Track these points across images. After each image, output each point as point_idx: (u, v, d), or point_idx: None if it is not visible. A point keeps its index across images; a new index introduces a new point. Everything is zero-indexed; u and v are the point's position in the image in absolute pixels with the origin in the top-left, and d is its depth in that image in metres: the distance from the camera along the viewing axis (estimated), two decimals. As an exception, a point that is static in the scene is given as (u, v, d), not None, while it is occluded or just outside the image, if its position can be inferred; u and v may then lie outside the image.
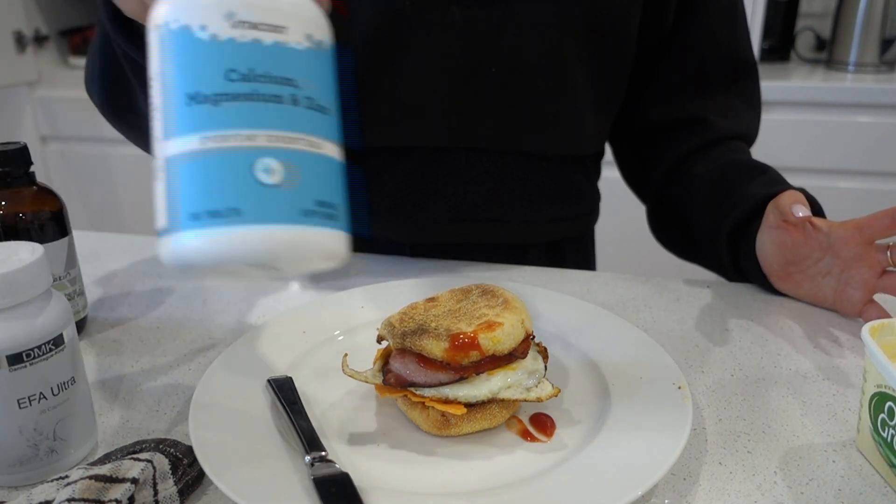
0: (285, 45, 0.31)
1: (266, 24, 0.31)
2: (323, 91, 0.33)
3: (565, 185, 0.78)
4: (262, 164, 0.30)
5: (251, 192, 0.30)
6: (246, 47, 0.30)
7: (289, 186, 0.31)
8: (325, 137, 0.33)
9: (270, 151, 0.30)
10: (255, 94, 0.30)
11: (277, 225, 0.30)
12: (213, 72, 0.30)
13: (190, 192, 0.30)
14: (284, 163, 0.31)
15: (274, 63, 0.31)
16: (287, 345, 0.54)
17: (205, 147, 0.30)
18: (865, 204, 1.48)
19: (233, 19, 0.30)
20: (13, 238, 0.54)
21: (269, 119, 0.31)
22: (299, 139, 0.31)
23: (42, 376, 0.40)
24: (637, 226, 0.85)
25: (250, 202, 0.30)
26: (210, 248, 0.30)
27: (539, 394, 0.45)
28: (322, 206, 0.32)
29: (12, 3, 1.71)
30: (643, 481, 0.38)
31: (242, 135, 0.30)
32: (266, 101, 0.31)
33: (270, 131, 0.31)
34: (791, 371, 0.54)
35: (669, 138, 0.77)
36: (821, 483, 0.42)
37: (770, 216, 0.63)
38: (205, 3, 0.30)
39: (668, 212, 0.79)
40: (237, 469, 0.39)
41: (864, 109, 1.44)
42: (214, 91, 0.30)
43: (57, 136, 1.87)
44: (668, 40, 0.74)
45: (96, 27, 0.62)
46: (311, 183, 0.31)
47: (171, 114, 0.31)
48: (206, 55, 0.30)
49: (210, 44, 0.30)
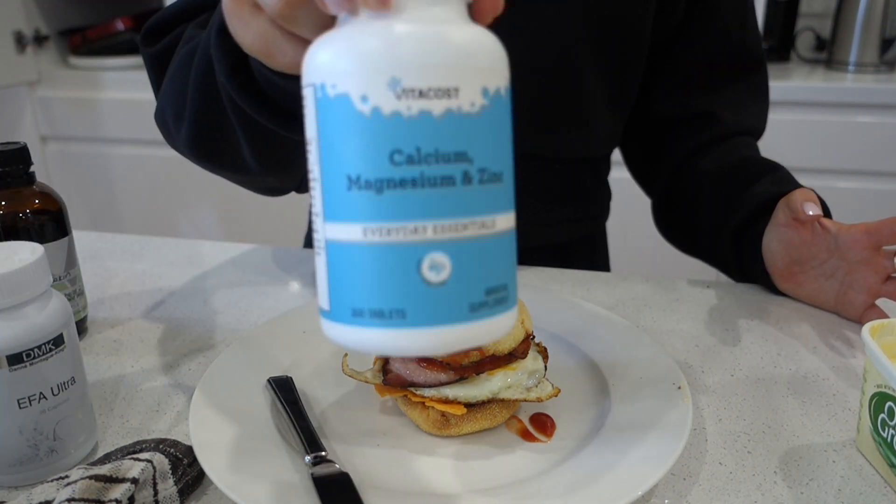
0: (458, 113, 0.27)
1: (435, 88, 0.26)
2: (498, 153, 0.29)
3: (576, 186, 0.78)
4: (429, 260, 0.27)
5: (416, 292, 0.27)
6: (413, 123, 0.26)
7: (457, 282, 0.27)
8: (500, 211, 0.29)
9: (438, 245, 0.27)
10: (423, 179, 0.27)
11: (444, 326, 0.28)
12: (376, 153, 0.27)
13: (351, 287, 0.28)
14: (453, 256, 0.27)
15: (444, 138, 0.27)
16: (287, 345, 0.54)
17: (367, 240, 0.27)
18: (865, 204, 1.48)
19: (397, 88, 0.26)
20: (13, 238, 0.54)
21: (438, 207, 0.27)
22: (471, 224, 0.28)
23: (42, 376, 0.40)
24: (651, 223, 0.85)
25: (415, 303, 0.27)
26: (373, 344, 0.28)
27: (539, 394, 0.45)
28: (492, 293, 0.29)
29: (12, 3, 1.71)
30: (643, 481, 0.38)
31: (408, 228, 0.27)
32: (434, 187, 0.27)
33: (439, 221, 0.27)
34: (791, 371, 0.54)
35: (677, 133, 0.77)
36: (821, 483, 0.42)
37: (779, 214, 0.63)
38: (366, 68, 0.26)
39: (674, 206, 0.79)
40: (237, 469, 0.39)
41: (864, 109, 1.44)
42: (377, 177, 0.27)
43: (57, 136, 1.87)
44: (677, 35, 0.74)
45: (179, 60, 0.56)
46: (481, 272, 0.28)
47: (330, 194, 0.28)
48: (367, 133, 0.27)
49: (372, 120, 0.27)
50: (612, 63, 0.71)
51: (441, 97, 0.27)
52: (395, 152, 0.27)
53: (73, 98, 1.81)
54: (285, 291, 0.69)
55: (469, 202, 0.27)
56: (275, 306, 0.65)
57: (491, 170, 0.28)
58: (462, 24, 0.28)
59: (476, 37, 0.28)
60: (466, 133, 0.27)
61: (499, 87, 0.28)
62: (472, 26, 0.28)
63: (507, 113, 0.29)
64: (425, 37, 0.27)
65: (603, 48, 0.69)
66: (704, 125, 0.75)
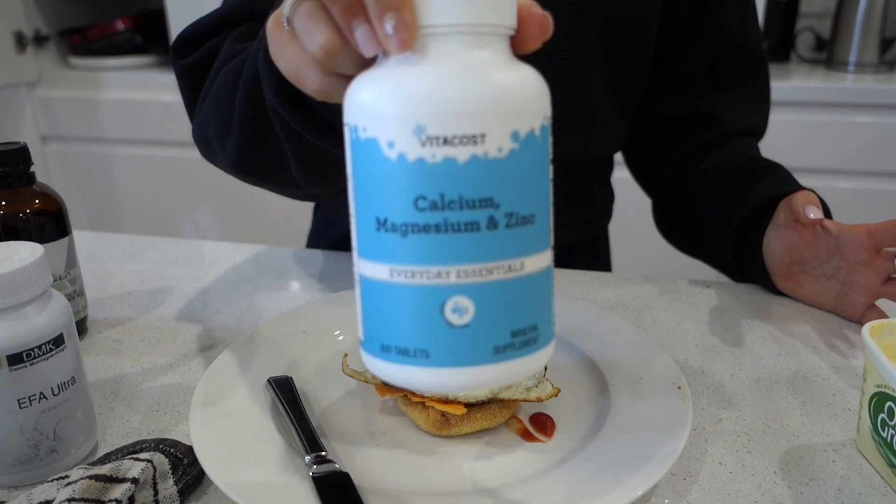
0: (483, 159, 0.27)
1: (460, 136, 0.26)
2: (529, 195, 0.28)
3: (580, 189, 0.78)
4: (453, 303, 0.27)
5: (439, 333, 0.27)
6: (437, 170, 0.26)
7: (481, 324, 0.28)
8: (529, 253, 0.28)
9: (461, 289, 0.27)
10: (447, 225, 0.27)
11: (467, 367, 0.28)
12: (401, 198, 0.27)
13: (380, 323, 0.29)
14: (476, 300, 0.27)
15: (469, 184, 0.27)
16: (287, 345, 0.54)
17: (392, 280, 0.28)
18: (865, 204, 1.48)
19: (422, 135, 0.26)
20: (13, 238, 0.54)
21: (462, 253, 0.27)
22: (496, 268, 0.28)
23: (42, 376, 0.40)
24: (652, 223, 0.85)
25: (439, 345, 0.28)
26: (400, 379, 0.29)
27: (539, 394, 0.45)
28: (519, 335, 0.28)
29: (12, 3, 1.71)
30: (643, 481, 0.38)
31: (432, 272, 0.27)
32: (458, 233, 0.27)
33: (462, 266, 0.27)
34: (791, 371, 0.54)
35: (679, 133, 0.77)
36: (820, 483, 0.42)
37: (780, 215, 0.63)
38: (392, 115, 0.26)
39: (675, 206, 0.79)
40: (237, 469, 0.40)
41: (864, 109, 1.44)
42: (402, 221, 0.27)
43: (57, 136, 1.87)
44: (680, 35, 0.74)
45: (223, 77, 0.56)
46: (507, 314, 0.28)
47: (362, 232, 0.29)
48: (393, 178, 0.27)
49: (398, 165, 0.27)
50: (618, 64, 0.71)
51: (466, 144, 0.26)
52: (420, 198, 0.27)
53: (74, 98, 1.81)
54: (285, 291, 0.69)
55: (494, 246, 0.27)
56: (275, 306, 0.65)
57: (520, 213, 0.28)
58: (496, 65, 0.28)
59: (508, 79, 0.27)
60: (492, 178, 0.27)
61: (532, 127, 0.28)
62: (508, 66, 0.28)
63: (542, 152, 0.29)
64: (451, 83, 0.26)
65: (610, 49, 0.69)
66: (706, 126, 0.75)
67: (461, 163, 0.26)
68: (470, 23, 0.27)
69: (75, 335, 0.43)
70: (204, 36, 0.63)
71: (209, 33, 0.63)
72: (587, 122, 0.72)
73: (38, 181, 0.56)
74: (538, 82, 0.29)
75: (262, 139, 0.54)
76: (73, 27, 1.91)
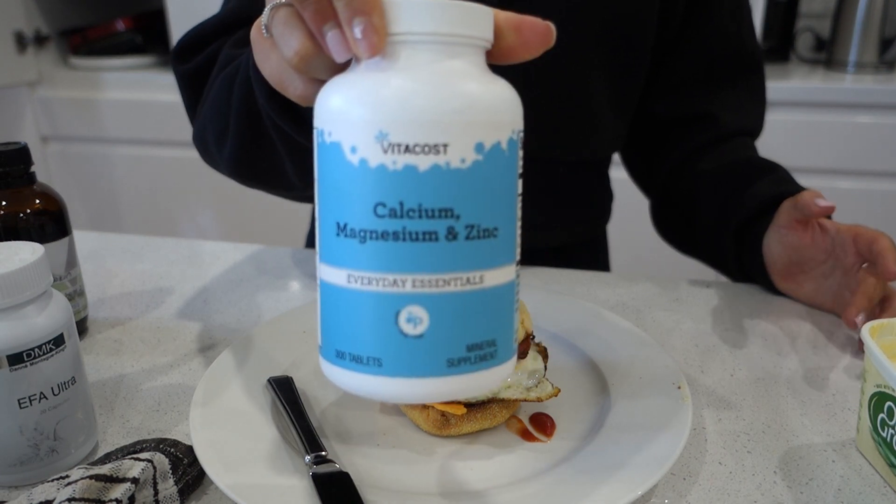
0: (444, 169, 0.26)
1: (422, 144, 0.26)
2: (493, 208, 0.28)
3: (579, 189, 0.78)
4: (407, 312, 0.27)
5: (392, 343, 0.27)
6: (397, 177, 0.26)
7: (435, 335, 0.27)
8: (490, 266, 0.28)
9: (417, 298, 0.27)
10: (405, 233, 0.26)
11: (419, 378, 0.27)
12: (361, 204, 0.27)
13: (334, 329, 0.28)
14: (432, 310, 0.27)
15: (429, 193, 0.26)
16: (287, 345, 0.54)
17: (349, 286, 0.27)
18: (865, 204, 1.48)
19: (384, 141, 0.26)
20: (13, 238, 0.54)
21: (419, 262, 0.27)
22: (453, 279, 0.27)
23: (42, 376, 0.40)
24: (650, 224, 0.85)
25: (391, 353, 0.27)
26: (352, 387, 0.28)
27: (539, 394, 0.45)
28: (475, 349, 0.28)
29: (12, 4, 1.71)
30: (643, 481, 0.38)
31: (388, 279, 0.27)
32: (416, 241, 0.27)
33: (419, 275, 0.27)
34: (791, 371, 0.54)
35: (676, 133, 0.77)
36: (820, 483, 0.42)
37: (781, 216, 0.63)
38: (356, 120, 0.26)
39: (673, 207, 0.79)
40: (237, 469, 0.40)
41: (863, 109, 1.44)
42: (361, 227, 0.27)
43: (57, 137, 1.88)
44: (676, 36, 0.74)
45: (220, 83, 0.56)
46: (463, 327, 0.28)
47: (324, 235, 0.28)
48: (354, 183, 0.27)
49: (359, 170, 0.26)
50: (617, 64, 0.71)
51: (427, 153, 0.26)
52: (379, 205, 0.26)
53: (74, 98, 1.81)
54: (285, 291, 0.69)
55: (452, 257, 0.27)
56: (275, 306, 0.65)
57: (481, 226, 0.27)
58: (466, 75, 0.27)
59: (476, 90, 0.27)
60: (453, 189, 0.27)
61: (499, 140, 0.27)
62: (480, 77, 0.28)
63: (509, 165, 0.28)
64: (417, 92, 0.26)
65: (608, 49, 0.69)
66: (703, 126, 0.75)
67: (421, 171, 0.26)
68: (442, 32, 0.27)
69: (75, 335, 0.43)
70: (204, 41, 0.63)
71: (209, 38, 0.63)
72: (586, 122, 0.73)
73: (39, 181, 0.56)
74: (510, 95, 0.28)
75: (257, 142, 0.54)
76: (73, 27, 1.91)
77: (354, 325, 0.28)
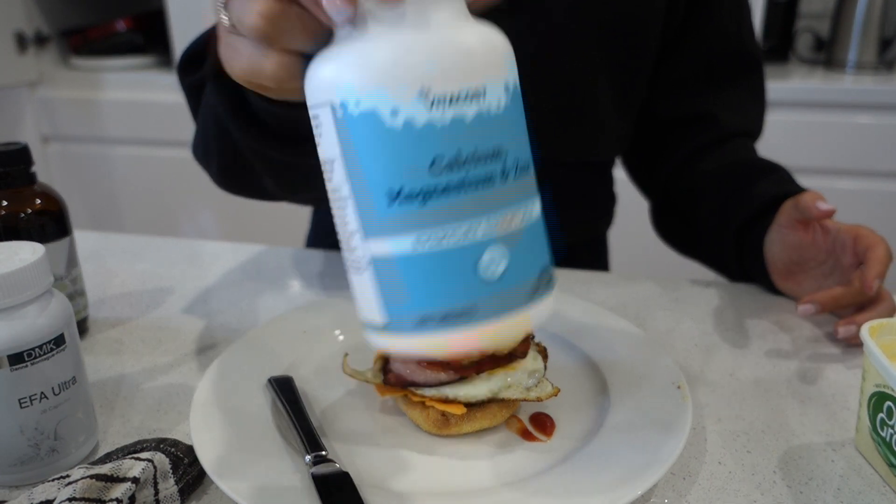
0: (488, 113, 0.27)
1: (465, 92, 0.26)
2: (523, 142, 0.29)
3: (583, 190, 0.78)
4: (487, 257, 0.27)
5: (481, 288, 0.27)
6: (448, 130, 0.26)
7: (516, 270, 0.28)
8: (536, 195, 0.29)
9: (493, 242, 0.27)
10: (466, 183, 0.26)
11: (511, 313, 0.28)
12: (415, 165, 0.26)
13: (412, 296, 0.28)
14: (508, 249, 0.27)
15: (481, 138, 0.27)
16: (287, 345, 0.54)
17: (421, 250, 0.27)
18: (865, 204, 1.48)
19: (428, 97, 0.26)
20: (14, 238, 0.54)
21: (486, 207, 0.27)
22: (517, 214, 0.28)
23: (43, 376, 0.40)
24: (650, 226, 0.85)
25: (482, 299, 0.27)
26: (444, 347, 0.28)
27: (539, 393, 0.45)
28: (545, 273, 0.29)
29: (13, 4, 1.71)
30: (643, 481, 0.38)
31: (460, 232, 0.27)
32: (478, 188, 0.27)
33: (489, 220, 0.27)
34: (790, 371, 0.54)
35: (677, 134, 0.77)
36: (820, 482, 0.42)
37: (782, 216, 0.63)
38: (392, 80, 0.25)
39: (674, 207, 0.79)
40: (237, 468, 0.40)
41: (863, 109, 1.44)
42: (420, 187, 0.26)
43: (58, 137, 1.88)
44: (677, 36, 0.74)
45: (203, 102, 0.56)
46: (535, 255, 0.28)
47: (370, 211, 0.27)
48: (403, 146, 0.26)
49: (406, 132, 0.26)
50: (621, 65, 0.71)
51: (471, 100, 0.27)
52: (435, 160, 0.26)
53: (75, 98, 1.81)
54: (285, 291, 0.69)
55: (513, 195, 0.28)
56: (275, 306, 0.65)
57: (522, 160, 0.29)
58: (467, 23, 0.28)
59: (485, 35, 0.28)
60: (500, 129, 0.27)
61: (515, 80, 0.29)
62: (477, 25, 0.28)
63: (522, 103, 0.30)
64: (443, 43, 0.26)
65: (613, 50, 0.69)
66: (704, 126, 0.75)
67: (469, 119, 0.27)
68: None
69: (76, 335, 0.43)
70: (205, 50, 0.62)
71: (209, 47, 0.62)
72: (592, 122, 0.73)
73: (39, 181, 0.56)
74: (505, 39, 0.30)
75: (235, 159, 0.55)
76: (73, 27, 1.91)
77: (435, 285, 0.27)
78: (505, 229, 0.28)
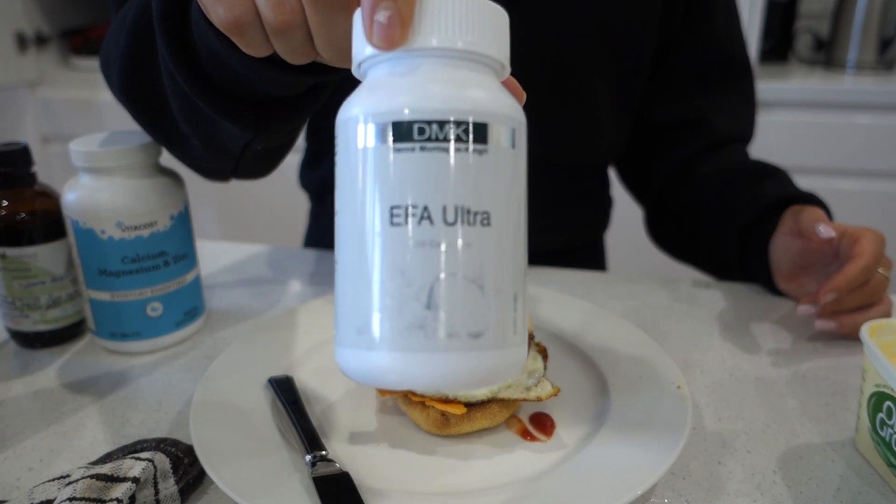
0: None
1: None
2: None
3: (580, 192, 0.78)
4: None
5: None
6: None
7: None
8: None
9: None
10: None
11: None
12: None
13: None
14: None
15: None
16: (287, 345, 0.54)
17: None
18: (864, 205, 1.48)
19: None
20: (14, 238, 0.54)
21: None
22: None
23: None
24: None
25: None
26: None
27: (539, 393, 0.45)
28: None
29: (13, 4, 1.72)
30: (643, 481, 0.38)
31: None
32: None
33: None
34: (790, 371, 0.54)
35: (670, 138, 0.77)
36: (820, 482, 0.42)
37: (786, 222, 0.63)
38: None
39: (670, 212, 0.79)
40: (238, 468, 0.40)
41: (863, 110, 1.44)
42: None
43: (58, 137, 1.88)
44: (671, 40, 0.74)
45: (125, 24, 0.49)
46: None
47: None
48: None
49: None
50: (619, 67, 0.71)
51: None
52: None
53: (75, 98, 1.81)
54: (285, 291, 0.69)
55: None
56: (275, 306, 0.65)
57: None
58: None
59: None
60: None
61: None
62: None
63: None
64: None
65: (611, 53, 0.69)
66: (697, 131, 0.76)
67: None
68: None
69: None
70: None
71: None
72: (590, 125, 0.73)
73: (40, 181, 0.56)
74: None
75: (144, 66, 0.49)
76: (74, 27, 1.91)
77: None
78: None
